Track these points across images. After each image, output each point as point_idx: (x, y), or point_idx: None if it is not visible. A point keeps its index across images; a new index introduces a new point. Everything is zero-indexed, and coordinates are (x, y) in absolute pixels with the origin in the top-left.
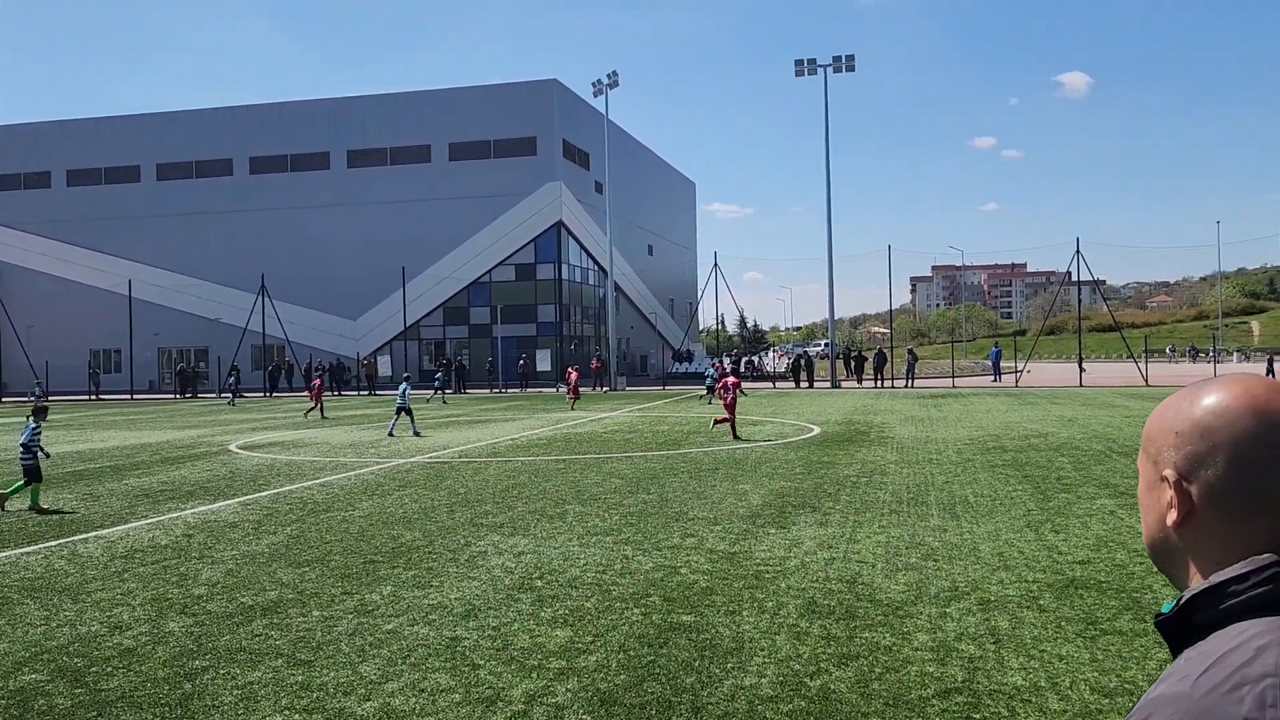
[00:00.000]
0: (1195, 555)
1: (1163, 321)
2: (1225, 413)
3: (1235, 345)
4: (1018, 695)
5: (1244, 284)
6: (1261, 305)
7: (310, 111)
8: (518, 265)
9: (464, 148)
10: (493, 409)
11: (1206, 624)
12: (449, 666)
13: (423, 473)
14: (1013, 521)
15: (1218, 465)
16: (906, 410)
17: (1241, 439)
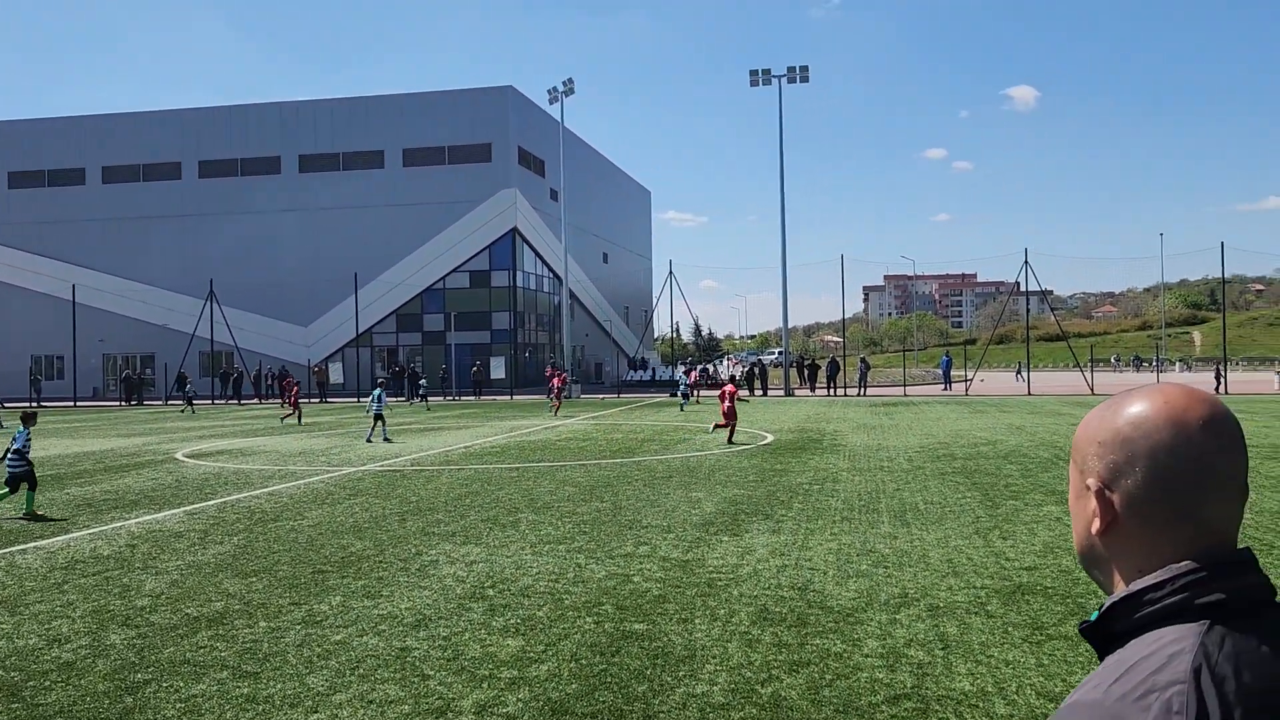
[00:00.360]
0: (1119, 563)
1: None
2: (1144, 423)
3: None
4: (965, 700)
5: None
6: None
7: (261, 115)
8: (472, 272)
9: (418, 154)
10: (446, 416)
11: (1126, 631)
12: (398, 677)
13: (374, 481)
14: (962, 528)
15: (1137, 475)
16: (859, 418)
17: (1159, 449)
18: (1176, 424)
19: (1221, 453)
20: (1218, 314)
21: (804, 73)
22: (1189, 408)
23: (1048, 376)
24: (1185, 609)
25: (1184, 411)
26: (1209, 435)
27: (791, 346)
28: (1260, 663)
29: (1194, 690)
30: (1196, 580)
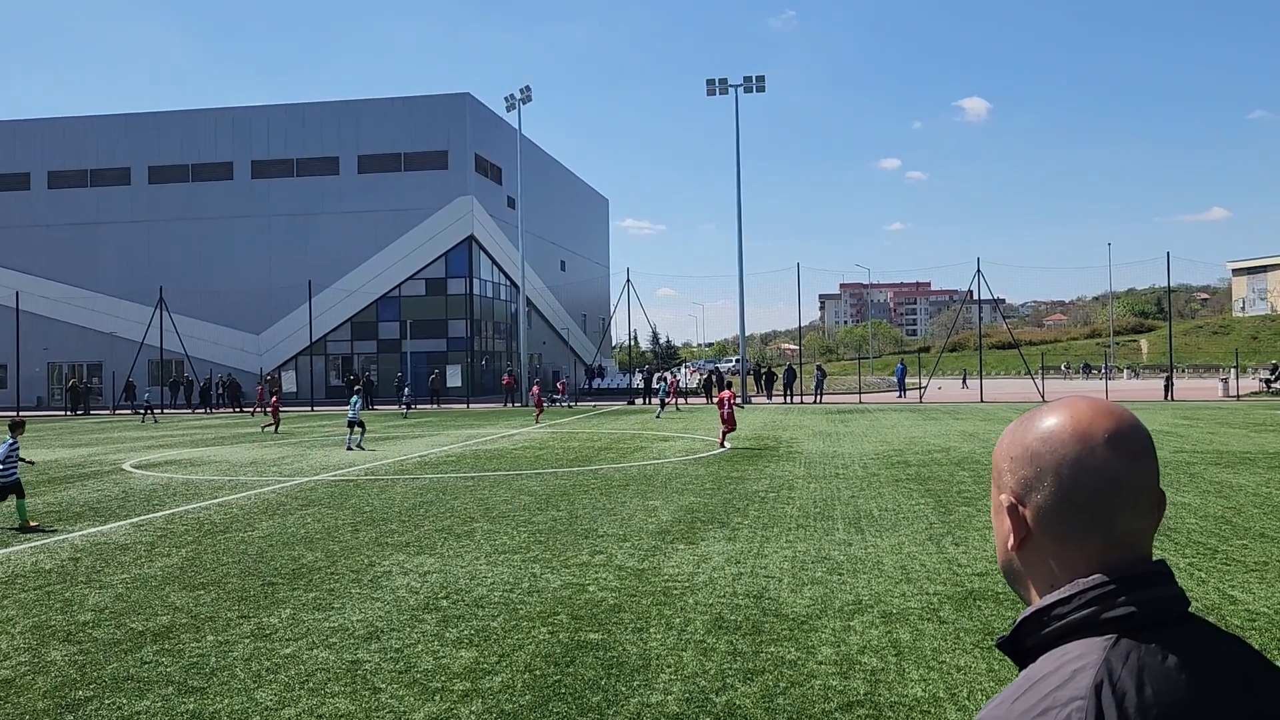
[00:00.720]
0: (1034, 577)
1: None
2: (1051, 438)
3: (1125, 362)
4: (918, 706)
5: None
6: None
7: (213, 120)
8: (428, 280)
9: (373, 160)
10: (401, 425)
11: (1036, 646)
12: (349, 691)
13: (326, 491)
14: (915, 535)
15: (1046, 490)
16: (815, 426)
17: (1065, 463)
18: (1082, 438)
19: (1129, 465)
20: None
21: (760, 82)
22: (1094, 421)
23: (1000, 384)
24: (1092, 623)
25: (1089, 425)
26: (1115, 448)
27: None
28: (1164, 676)
29: (1094, 706)
30: (1104, 594)
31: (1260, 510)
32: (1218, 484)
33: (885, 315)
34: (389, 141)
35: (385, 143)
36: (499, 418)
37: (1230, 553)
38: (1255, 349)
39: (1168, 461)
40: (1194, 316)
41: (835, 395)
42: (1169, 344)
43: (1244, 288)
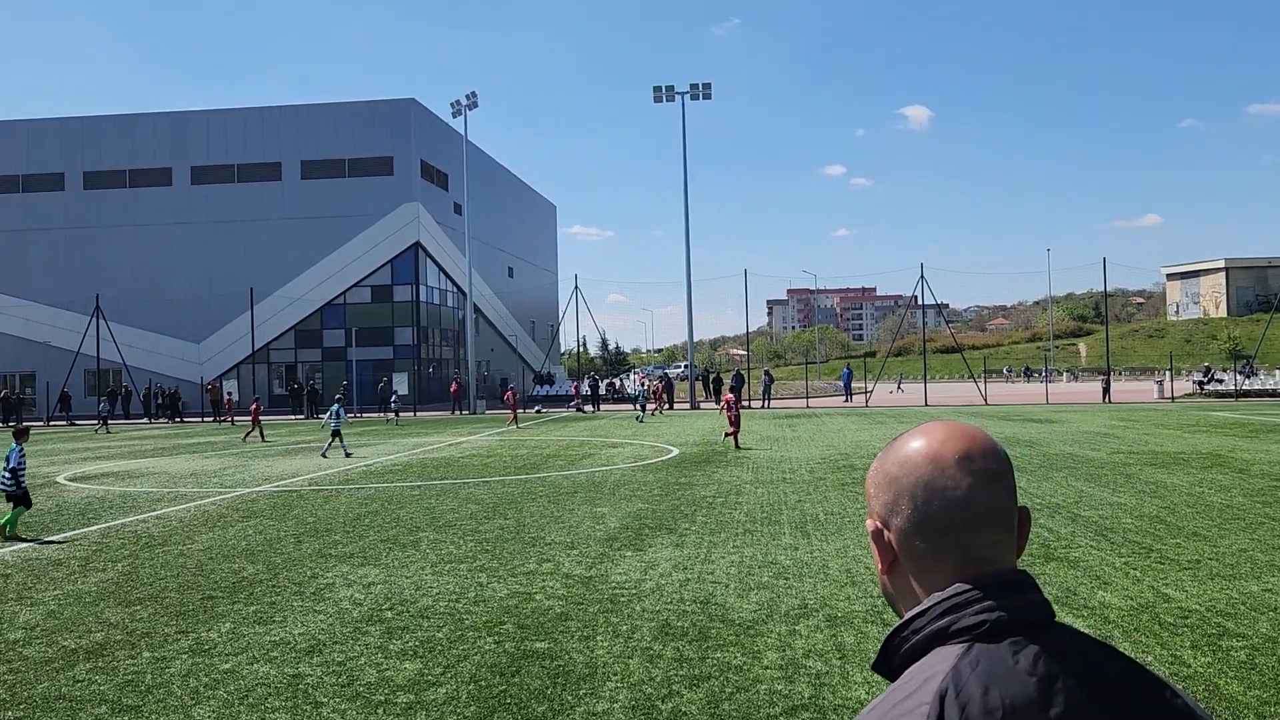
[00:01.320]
0: (902, 599)
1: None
2: (906, 462)
3: (1065, 365)
4: (860, 708)
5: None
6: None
7: (151, 125)
8: (374, 287)
9: (317, 166)
10: (346, 434)
11: (902, 663)
12: (290, 706)
13: (269, 502)
14: (860, 538)
15: (904, 513)
16: (763, 430)
17: (918, 486)
18: (934, 460)
19: (980, 486)
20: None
21: (707, 89)
22: (945, 443)
23: (945, 387)
24: (946, 633)
25: (940, 448)
26: (965, 469)
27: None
28: (1011, 681)
29: (936, 710)
30: (958, 604)
31: (1193, 510)
32: (1153, 484)
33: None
34: (333, 147)
35: (329, 148)
36: (447, 426)
37: (1165, 551)
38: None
39: (1105, 462)
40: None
41: (783, 400)
42: (1106, 347)
43: (1177, 292)
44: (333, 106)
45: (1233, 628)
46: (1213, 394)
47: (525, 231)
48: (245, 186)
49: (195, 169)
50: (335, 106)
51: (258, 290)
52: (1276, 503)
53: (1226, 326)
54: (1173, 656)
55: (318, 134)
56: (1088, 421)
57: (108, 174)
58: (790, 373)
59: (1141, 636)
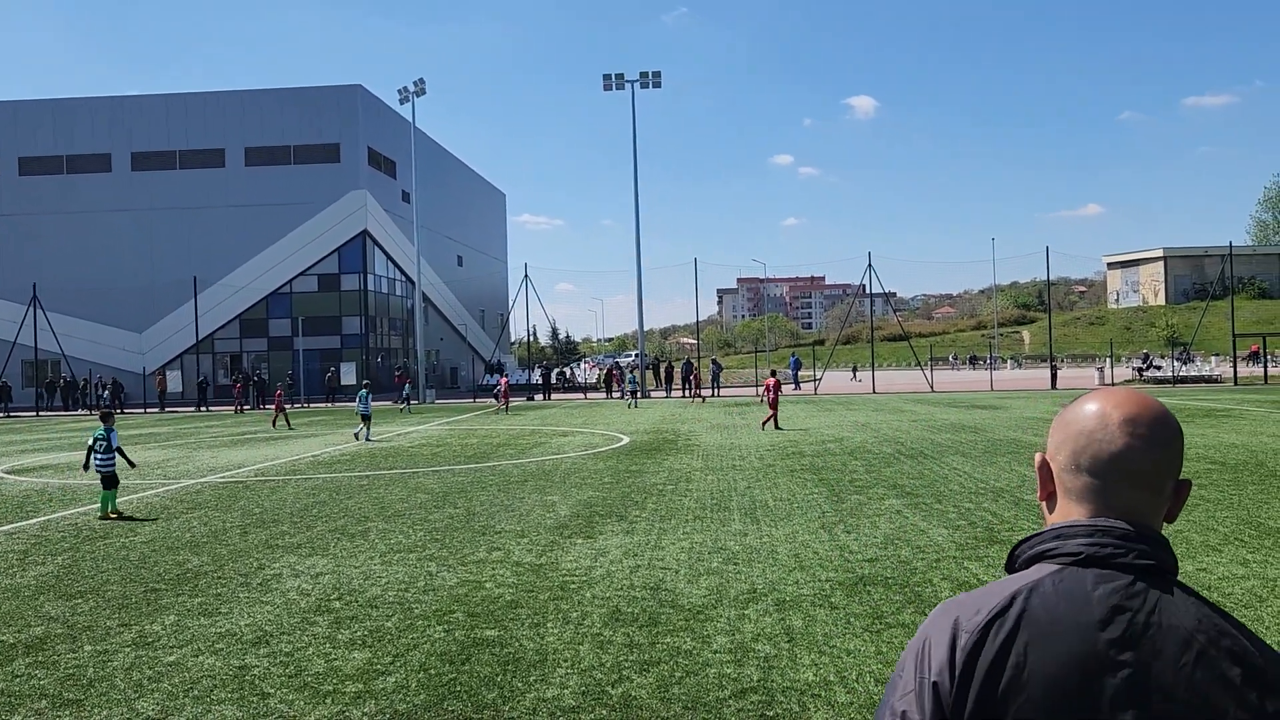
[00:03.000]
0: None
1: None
2: (1079, 414)
3: (1009, 353)
4: (809, 691)
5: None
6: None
7: (90, 110)
8: (320, 275)
9: (261, 153)
10: (295, 424)
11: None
12: (236, 697)
13: (214, 494)
14: (809, 523)
15: (1064, 454)
16: (713, 419)
17: (1080, 436)
18: (1101, 418)
19: (1133, 448)
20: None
21: (656, 78)
22: (1118, 406)
23: (892, 375)
24: (1051, 554)
25: (1111, 409)
26: (1124, 432)
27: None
28: (1081, 600)
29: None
30: (1068, 534)
31: None
32: None
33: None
34: (278, 134)
35: (274, 135)
36: (397, 416)
37: None
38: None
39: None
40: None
41: (733, 389)
42: (1049, 335)
43: (1118, 280)
44: (278, 92)
45: None
46: (1151, 380)
47: (474, 220)
48: (188, 173)
49: (136, 155)
50: (280, 92)
51: (201, 279)
52: (1211, 485)
53: (1165, 314)
54: None
55: (262, 120)
56: (1031, 407)
57: (44, 160)
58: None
59: None
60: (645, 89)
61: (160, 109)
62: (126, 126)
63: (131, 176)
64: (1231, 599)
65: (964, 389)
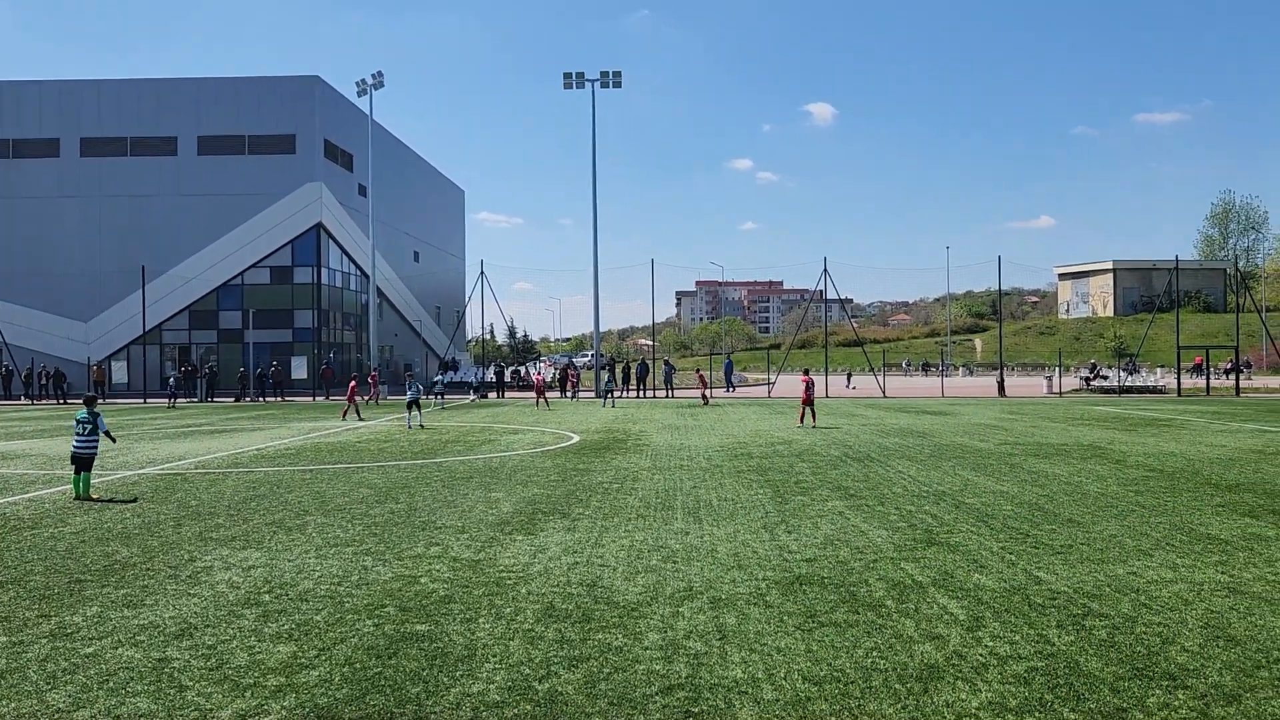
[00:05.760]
0: None
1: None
2: None
3: (961, 360)
4: (735, 688)
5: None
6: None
7: (37, 94)
8: (273, 268)
9: (215, 142)
10: (241, 418)
11: None
12: (152, 690)
13: (151, 485)
14: (750, 523)
15: None
16: (665, 419)
17: None
18: None
19: None
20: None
21: (617, 78)
22: None
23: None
24: None
25: None
26: None
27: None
28: None
29: None
30: None
31: (1070, 498)
32: (1035, 473)
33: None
34: (232, 123)
35: (228, 124)
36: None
37: (1040, 537)
38: (1077, 349)
39: (992, 453)
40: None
41: (685, 390)
42: (999, 344)
43: (1068, 291)
44: (233, 81)
45: (1096, 608)
46: (1098, 389)
47: (432, 216)
48: (138, 160)
49: (85, 141)
50: (235, 81)
51: (150, 269)
52: (1148, 492)
53: (1113, 325)
54: (1039, 635)
55: (216, 109)
56: (979, 414)
57: None
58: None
59: (1011, 617)
60: (605, 89)
61: (112, 94)
62: (76, 111)
63: (80, 163)
64: (1158, 601)
65: (915, 395)
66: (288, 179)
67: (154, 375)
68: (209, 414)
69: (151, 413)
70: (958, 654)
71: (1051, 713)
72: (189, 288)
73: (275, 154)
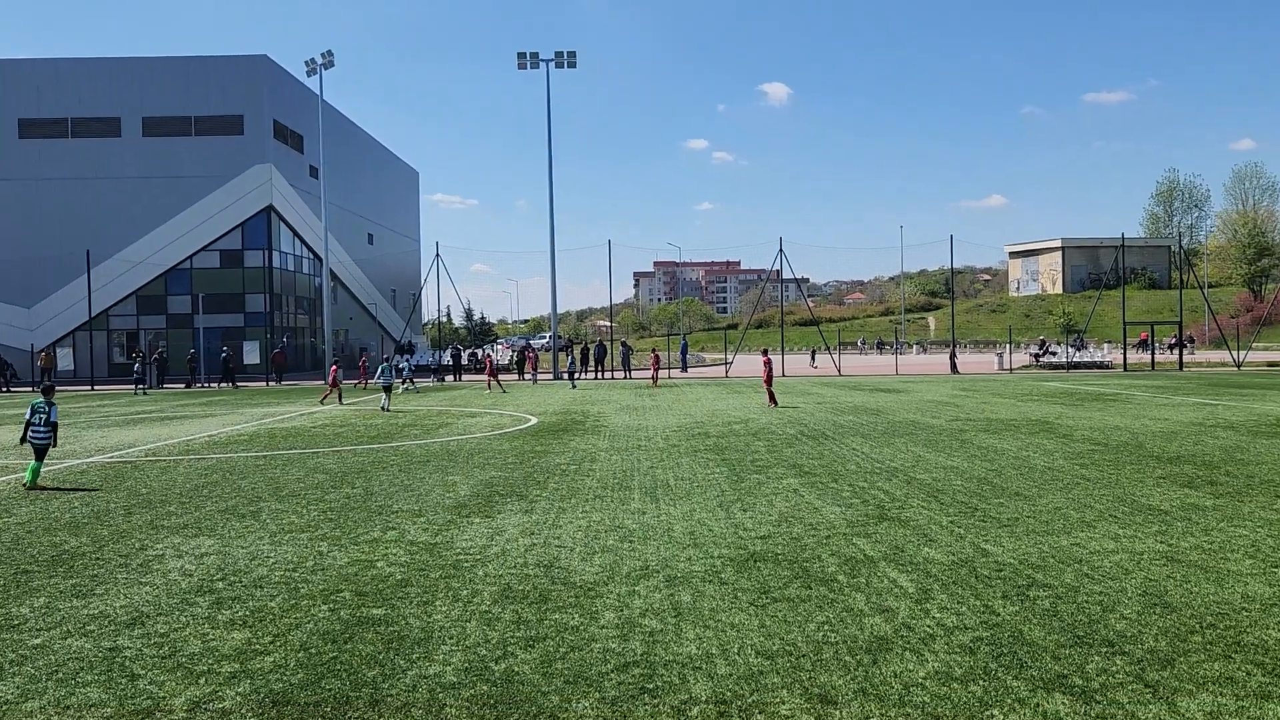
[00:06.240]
0: None
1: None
2: None
3: (915, 338)
4: (690, 663)
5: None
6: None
7: None
8: (223, 251)
9: (160, 123)
10: (192, 404)
11: None
12: (103, 679)
13: (100, 474)
14: (707, 502)
15: None
16: (623, 400)
17: None
18: None
19: None
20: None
21: (571, 58)
22: None
23: (802, 358)
24: None
25: None
26: None
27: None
28: None
29: None
30: None
31: (1018, 472)
32: (984, 449)
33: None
34: (178, 104)
35: (174, 105)
36: (299, 395)
37: (988, 510)
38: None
39: (944, 429)
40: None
41: (644, 371)
42: (951, 322)
43: (1019, 269)
44: (178, 60)
45: (1040, 579)
46: (1047, 366)
47: (386, 198)
48: (81, 142)
49: (23, 122)
50: (181, 60)
51: (95, 253)
52: (1093, 465)
53: (1061, 302)
54: (985, 606)
55: (162, 89)
56: (932, 391)
57: None
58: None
59: (958, 589)
60: (560, 69)
61: (50, 74)
62: (14, 91)
63: (20, 144)
64: (1100, 571)
65: (871, 373)
66: (236, 161)
67: (101, 362)
68: (159, 401)
69: (100, 399)
70: (906, 626)
71: (995, 680)
72: (136, 272)
73: (223, 135)
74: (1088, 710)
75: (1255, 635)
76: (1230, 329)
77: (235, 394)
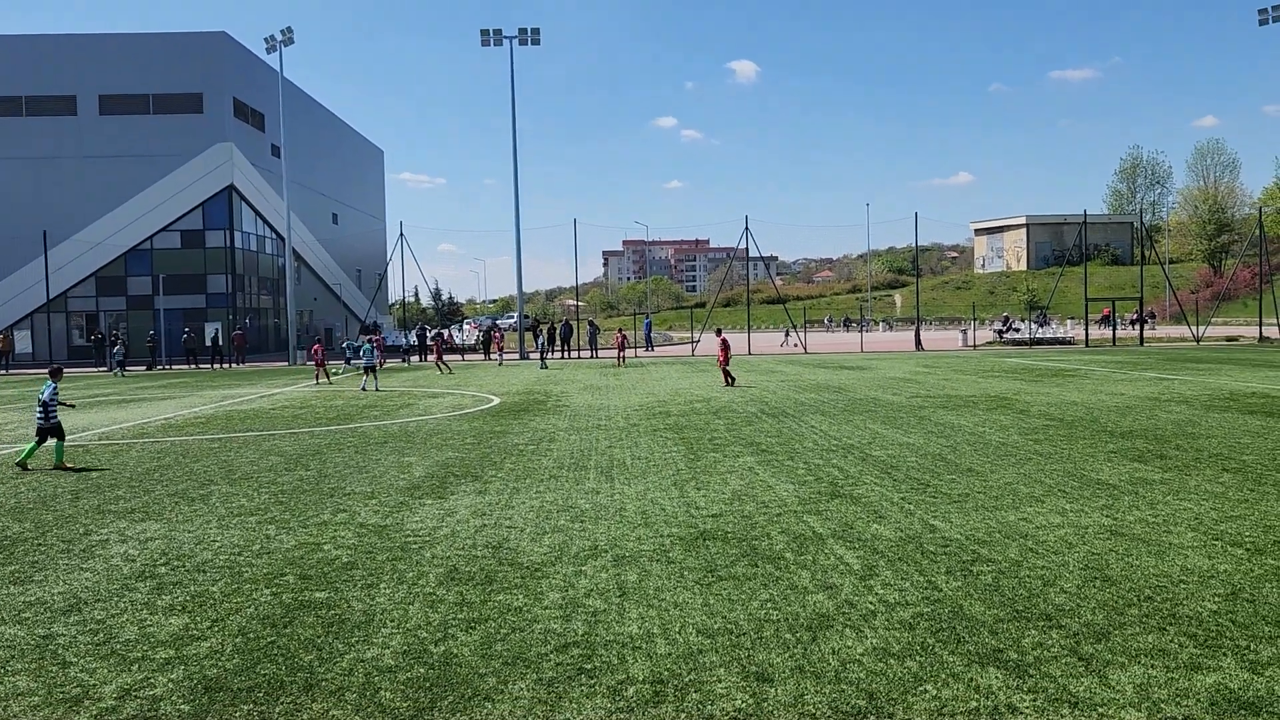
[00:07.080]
0: None
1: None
2: None
3: (881, 315)
4: (630, 643)
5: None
6: (904, 280)
7: None
8: (184, 232)
9: (118, 101)
10: (150, 387)
11: None
12: (33, 668)
13: (49, 458)
14: (661, 481)
15: None
16: (587, 380)
17: None
18: None
19: None
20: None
21: (535, 35)
22: None
23: (771, 336)
24: None
25: None
26: None
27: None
28: None
29: None
30: None
31: (973, 448)
32: (941, 425)
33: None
34: (136, 81)
35: (131, 82)
36: (260, 377)
37: (940, 486)
38: (992, 303)
39: (903, 406)
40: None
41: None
42: (916, 299)
43: (984, 246)
44: (135, 37)
45: (985, 554)
46: (1010, 342)
47: (350, 177)
48: (35, 121)
49: None
50: (138, 37)
51: (53, 234)
52: (1047, 440)
53: (1026, 279)
54: (928, 582)
55: (118, 66)
56: (895, 368)
57: None
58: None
59: (904, 565)
60: (525, 46)
61: (3, 51)
62: None
63: None
64: (1044, 546)
65: (836, 350)
66: (196, 139)
67: (60, 344)
68: (116, 384)
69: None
70: (848, 603)
71: (931, 655)
72: (95, 253)
73: (182, 113)
74: (1020, 684)
75: (1190, 607)
76: (1190, 304)
77: (195, 376)
